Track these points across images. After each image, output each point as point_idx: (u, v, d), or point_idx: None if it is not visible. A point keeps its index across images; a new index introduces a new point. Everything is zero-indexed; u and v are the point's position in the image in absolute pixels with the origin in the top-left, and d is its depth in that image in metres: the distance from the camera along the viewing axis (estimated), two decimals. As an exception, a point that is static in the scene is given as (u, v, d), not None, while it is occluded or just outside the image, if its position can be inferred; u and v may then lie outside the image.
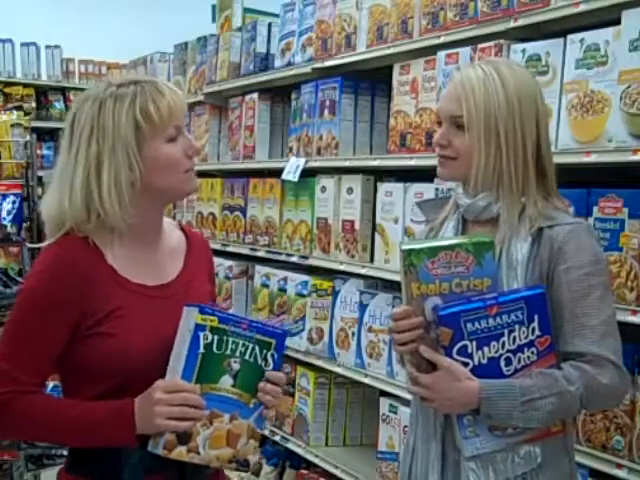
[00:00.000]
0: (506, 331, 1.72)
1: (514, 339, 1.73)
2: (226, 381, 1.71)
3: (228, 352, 1.70)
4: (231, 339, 1.70)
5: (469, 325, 1.71)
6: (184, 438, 1.69)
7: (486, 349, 1.73)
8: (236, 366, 1.71)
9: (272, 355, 1.74)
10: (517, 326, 1.73)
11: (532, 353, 1.74)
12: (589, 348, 1.74)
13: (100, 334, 1.73)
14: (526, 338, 1.74)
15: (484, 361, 1.73)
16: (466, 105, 1.82)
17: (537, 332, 1.74)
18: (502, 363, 1.74)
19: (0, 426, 1.79)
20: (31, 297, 1.76)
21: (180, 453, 1.69)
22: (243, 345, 1.71)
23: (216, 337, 1.69)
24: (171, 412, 1.67)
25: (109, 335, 1.73)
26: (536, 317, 1.73)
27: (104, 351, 1.73)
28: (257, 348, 1.72)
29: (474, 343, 1.72)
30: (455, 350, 1.72)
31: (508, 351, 1.73)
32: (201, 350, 1.68)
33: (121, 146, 1.74)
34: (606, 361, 1.74)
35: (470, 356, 1.72)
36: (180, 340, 1.70)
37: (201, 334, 1.68)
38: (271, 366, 1.75)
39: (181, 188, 1.84)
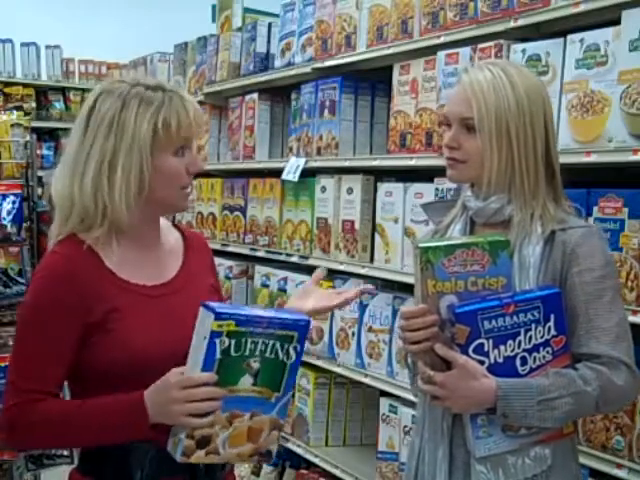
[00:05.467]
0: (522, 330, 1.73)
1: (530, 338, 1.73)
2: (246, 381, 1.68)
3: (247, 353, 1.66)
4: (250, 339, 1.65)
5: (486, 323, 1.71)
6: (203, 442, 1.67)
7: (502, 348, 1.73)
8: (256, 365, 1.68)
9: (295, 348, 1.70)
10: (533, 325, 1.73)
11: (547, 353, 1.75)
12: (604, 350, 1.75)
13: (104, 336, 1.74)
14: (542, 337, 1.74)
15: (500, 360, 1.73)
16: (477, 107, 1.81)
17: (553, 331, 1.74)
18: (518, 362, 1.74)
19: (16, 438, 1.78)
20: (33, 306, 1.77)
21: (199, 457, 1.68)
22: (263, 343, 1.67)
23: (234, 341, 1.64)
24: (189, 410, 1.64)
25: (113, 335, 1.73)
26: (552, 316, 1.74)
27: (110, 352, 1.73)
28: (278, 344, 1.68)
29: (490, 341, 1.72)
30: (471, 348, 1.72)
31: (524, 350, 1.74)
32: (218, 356, 1.64)
33: (137, 150, 1.75)
34: (620, 363, 1.75)
35: (486, 354, 1.72)
36: (196, 346, 1.67)
37: (217, 340, 1.63)
38: (293, 358, 1.71)
39: (175, 203, 1.86)
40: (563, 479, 1.81)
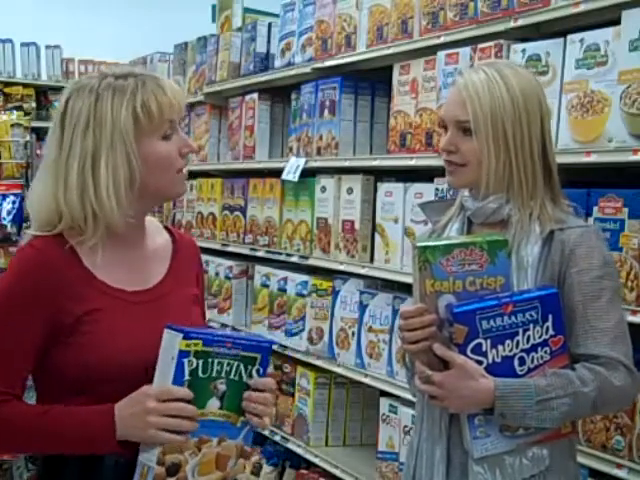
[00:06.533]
0: (520, 330, 1.73)
1: (528, 338, 1.73)
2: (213, 404, 1.64)
3: (214, 374, 1.63)
4: (216, 360, 1.62)
5: (484, 323, 1.70)
6: (173, 469, 1.61)
7: (500, 348, 1.72)
8: (222, 387, 1.64)
9: (257, 370, 1.67)
10: (531, 325, 1.73)
11: (545, 353, 1.74)
12: (602, 350, 1.75)
13: (78, 338, 1.66)
14: (540, 337, 1.74)
15: (498, 360, 1.73)
16: (472, 109, 1.81)
17: (551, 332, 1.74)
18: (516, 362, 1.74)
19: None
20: (1, 300, 1.68)
21: None
22: (228, 364, 1.63)
23: (201, 361, 1.61)
24: (165, 424, 1.59)
25: (88, 338, 1.66)
26: (550, 317, 1.74)
27: (83, 355, 1.66)
28: (242, 365, 1.65)
29: (489, 341, 1.72)
30: (469, 348, 1.71)
31: (522, 350, 1.73)
32: (186, 377, 1.60)
33: (119, 140, 1.67)
34: (619, 364, 1.75)
35: (484, 354, 1.72)
36: (163, 367, 1.62)
37: (185, 361, 1.59)
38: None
39: (173, 189, 1.78)
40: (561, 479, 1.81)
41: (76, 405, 1.66)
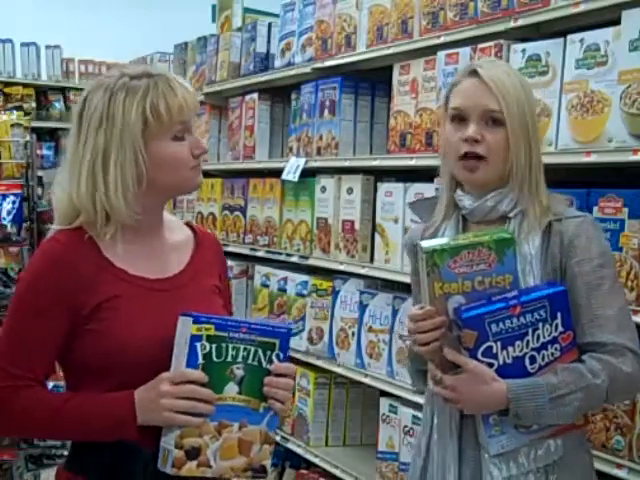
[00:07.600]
0: (530, 330, 1.73)
1: (538, 337, 1.74)
2: (231, 389, 1.67)
3: (229, 359, 1.66)
4: (231, 345, 1.66)
5: (493, 326, 1.71)
6: (193, 453, 1.64)
7: (511, 349, 1.73)
8: (240, 372, 1.67)
9: (277, 355, 1.70)
10: (541, 324, 1.74)
11: (556, 349, 1.76)
12: (609, 337, 1.76)
13: (97, 325, 1.71)
14: (550, 335, 1.75)
15: (509, 361, 1.74)
16: (504, 101, 1.82)
17: (560, 328, 1.75)
18: (527, 361, 1.75)
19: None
20: (24, 293, 1.75)
21: (190, 469, 1.65)
22: (245, 350, 1.67)
23: (214, 345, 1.64)
24: (179, 406, 1.64)
25: (107, 324, 1.70)
26: (559, 314, 1.74)
27: (103, 342, 1.70)
28: (260, 351, 1.68)
29: (499, 344, 1.72)
30: (480, 352, 1.72)
31: (533, 349, 1.74)
32: (200, 361, 1.64)
33: (128, 141, 1.71)
34: (626, 349, 1.76)
35: (495, 357, 1.73)
36: (177, 353, 1.66)
37: (198, 345, 1.63)
38: None
39: (185, 185, 1.83)
40: (573, 470, 1.83)
41: (100, 389, 1.71)
